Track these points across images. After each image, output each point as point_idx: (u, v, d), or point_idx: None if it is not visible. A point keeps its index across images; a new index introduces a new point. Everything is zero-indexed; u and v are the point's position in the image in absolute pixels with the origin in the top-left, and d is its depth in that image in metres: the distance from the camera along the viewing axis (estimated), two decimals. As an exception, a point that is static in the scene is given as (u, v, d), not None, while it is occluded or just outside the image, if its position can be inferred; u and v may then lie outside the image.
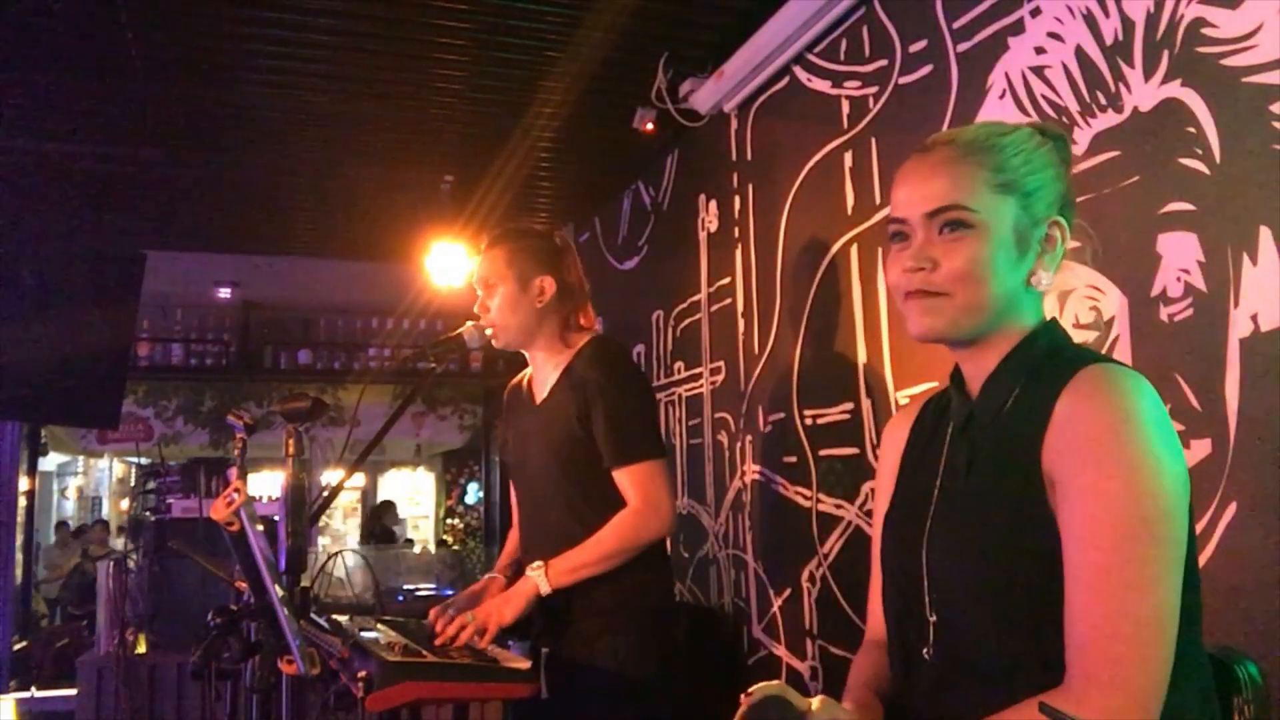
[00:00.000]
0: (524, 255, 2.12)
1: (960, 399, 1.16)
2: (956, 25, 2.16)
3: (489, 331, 2.11)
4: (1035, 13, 1.93)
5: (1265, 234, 1.46)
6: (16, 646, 5.80)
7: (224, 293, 6.00)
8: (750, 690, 0.89)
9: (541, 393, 2.15)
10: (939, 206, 1.08)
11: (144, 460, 4.39)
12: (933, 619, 1.08)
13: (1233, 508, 1.49)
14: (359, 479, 12.61)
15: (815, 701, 0.91)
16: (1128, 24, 1.71)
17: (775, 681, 0.91)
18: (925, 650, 1.08)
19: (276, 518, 1.66)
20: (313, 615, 1.79)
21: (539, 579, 1.95)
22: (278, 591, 1.41)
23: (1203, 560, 1.52)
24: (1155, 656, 0.93)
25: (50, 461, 10.84)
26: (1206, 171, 1.56)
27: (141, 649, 3.25)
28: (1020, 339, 1.10)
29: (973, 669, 1.04)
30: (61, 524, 9.78)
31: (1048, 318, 1.14)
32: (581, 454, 2.04)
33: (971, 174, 1.08)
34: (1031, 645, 0.99)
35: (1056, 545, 0.98)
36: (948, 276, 1.07)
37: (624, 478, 2.01)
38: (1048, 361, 1.08)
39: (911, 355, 2.29)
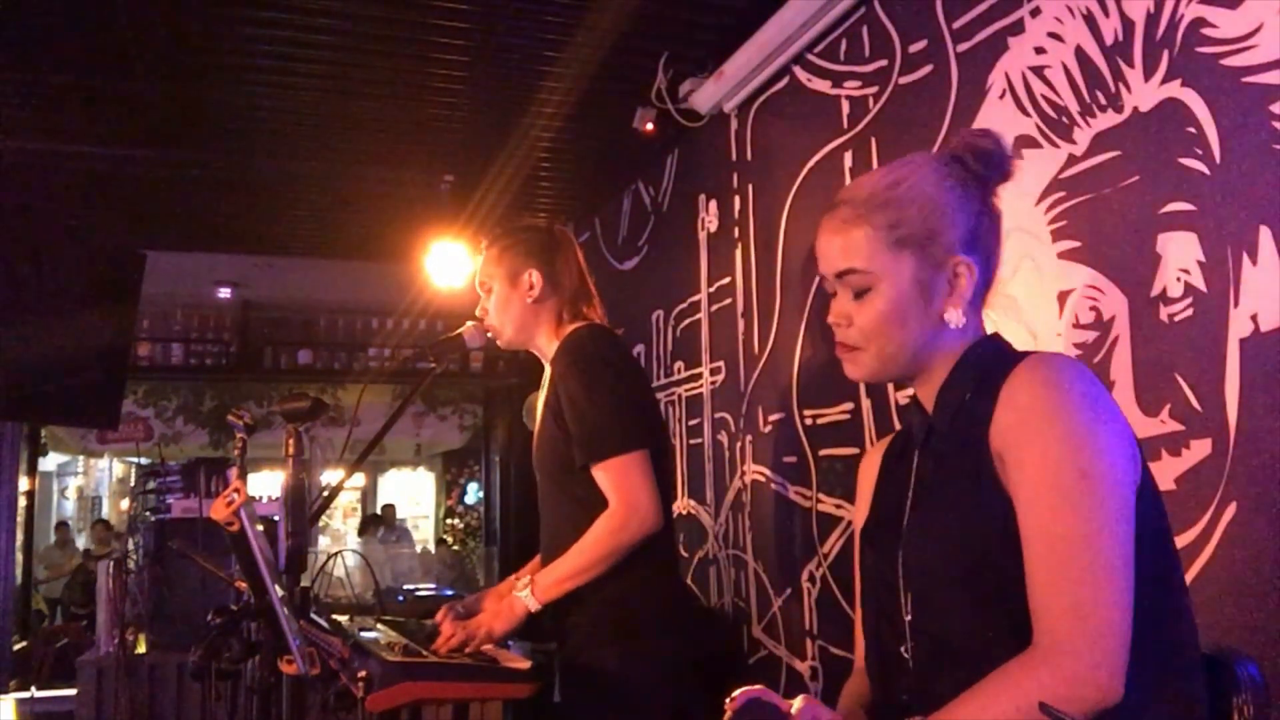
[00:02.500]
0: (512, 251, 2.10)
1: (920, 418, 1.21)
2: (956, 25, 2.16)
3: (490, 333, 2.11)
4: (1035, 13, 1.93)
5: (1265, 234, 1.46)
6: (16, 646, 5.80)
7: (224, 293, 6.00)
8: (733, 695, 0.91)
9: (544, 393, 2.15)
10: (838, 270, 1.16)
11: (144, 460, 4.39)
12: (909, 618, 1.11)
13: (1233, 508, 1.49)
14: (359, 479, 12.62)
15: (797, 702, 0.92)
16: (1128, 24, 1.71)
17: (757, 685, 0.92)
18: (903, 649, 1.11)
19: (276, 518, 1.66)
20: (313, 615, 1.79)
21: (526, 598, 1.90)
22: (278, 591, 1.41)
23: (1203, 560, 1.52)
24: (1109, 601, 0.95)
25: (50, 461, 10.86)
26: (1206, 171, 1.56)
27: (141, 649, 3.25)
28: (963, 352, 1.16)
29: (950, 654, 1.06)
30: (62, 524, 9.80)
31: (988, 332, 1.19)
32: (565, 456, 1.97)
33: (866, 235, 1.14)
34: (1004, 621, 1.01)
35: (1014, 520, 1.02)
36: (859, 333, 1.16)
37: (600, 476, 1.91)
38: (992, 366, 1.12)
39: (911, 355, 2.29)
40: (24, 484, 6.41)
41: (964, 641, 1.05)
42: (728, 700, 0.91)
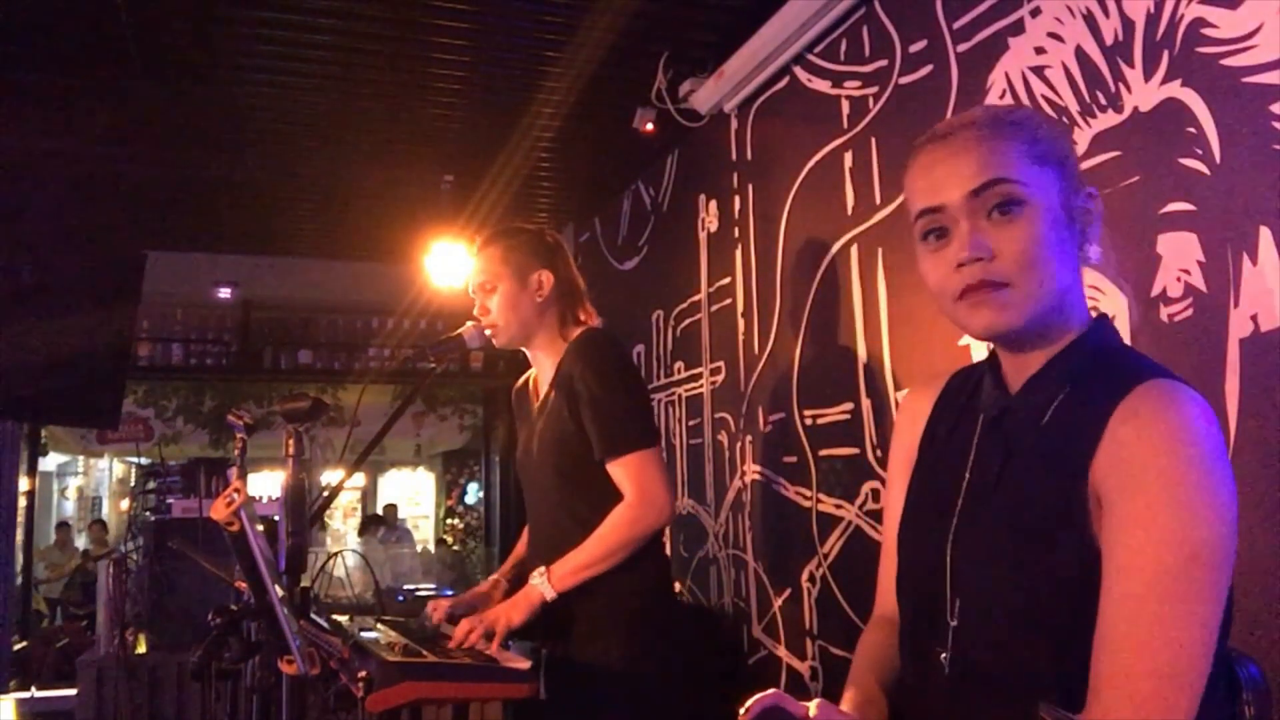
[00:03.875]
0: (519, 251, 2.12)
1: (996, 390, 1.08)
2: (956, 25, 2.16)
3: (489, 332, 2.11)
4: (1035, 13, 1.93)
5: (1265, 234, 1.46)
6: (16, 646, 5.79)
7: (224, 293, 5.99)
8: (748, 704, 0.87)
9: (542, 392, 2.15)
10: (984, 182, 0.98)
11: (144, 460, 4.39)
12: (953, 623, 1.02)
13: (1233, 508, 1.49)
14: (359, 479, 12.62)
15: (813, 706, 0.89)
16: (1128, 24, 1.71)
17: (771, 690, 0.89)
18: (943, 654, 1.03)
19: (276, 518, 1.65)
20: (313, 615, 1.79)
21: (543, 585, 1.94)
22: (278, 591, 1.41)
23: (1203, 560, 1.51)
24: (1179, 703, 0.87)
25: (50, 461, 10.86)
26: (1206, 171, 1.56)
27: (141, 649, 3.25)
28: (1070, 339, 1.03)
29: (991, 682, 1.00)
30: (63, 524, 9.80)
31: (1094, 314, 1.06)
32: (576, 452, 2.03)
33: (1007, 147, 0.99)
34: (1054, 666, 0.95)
35: (1094, 568, 0.93)
36: (1012, 263, 0.97)
37: (617, 470, 1.99)
38: (1098, 368, 1.00)
39: (911, 355, 2.29)
40: (24, 484, 6.40)
41: (1008, 677, 0.98)
42: (743, 709, 0.87)
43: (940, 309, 1.05)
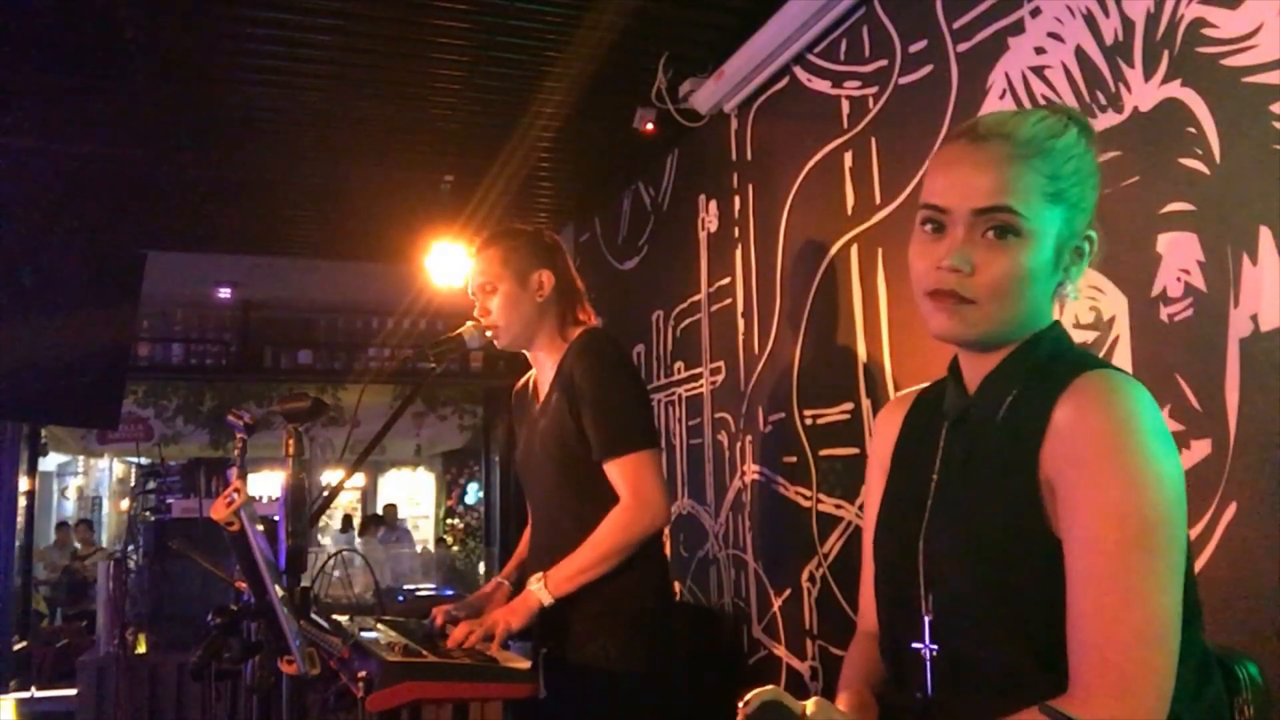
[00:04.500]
0: (519, 252, 2.12)
1: (957, 393, 1.14)
2: (956, 25, 2.16)
3: (489, 333, 2.11)
4: (1035, 13, 1.93)
5: (1265, 234, 1.46)
6: (16, 646, 5.79)
7: (224, 293, 5.99)
8: (746, 699, 0.88)
9: (543, 393, 2.16)
10: (992, 205, 1.02)
11: (144, 460, 4.39)
12: (928, 617, 1.06)
13: (1233, 508, 1.49)
14: (359, 479, 12.63)
15: (810, 704, 0.90)
16: (1128, 24, 1.71)
17: (769, 686, 0.90)
18: (921, 649, 1.07)
19: (276, 518, 1.66)
20: (313, 615, 1.79)
21: (540, 592, 1.94)
22: (278, 591, 1.41)
23: (1202, 560, 1.52)
24: (1158, 663, 0.92)
25: (50, 461, 10.86)
26: (1206, 171, 1.56)
27: (141, 649, 3.25)
28: (1024, 340, 1.07)
29: (972, 670, 1.03)
30: (62, 524, 9.79)
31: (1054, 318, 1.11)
32: (576, 452, 2.03)
33: (1028, 178, 1.02)
34: (1031, 649, 0.98)
35: (1055, 552, 0.97)
36: (985, 286, 1.02)
37: (613, 471, 1.99)
38: (1048, 365, 1.05)
39: (911, 355, 2.29)
40: (24, 484, 6.40)
41: (987, 664, 1.01)
42: (741, 704, 0.88)
43: (914, 293, 1.09)
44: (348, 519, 10.83)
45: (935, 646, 1.06)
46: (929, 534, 1.09)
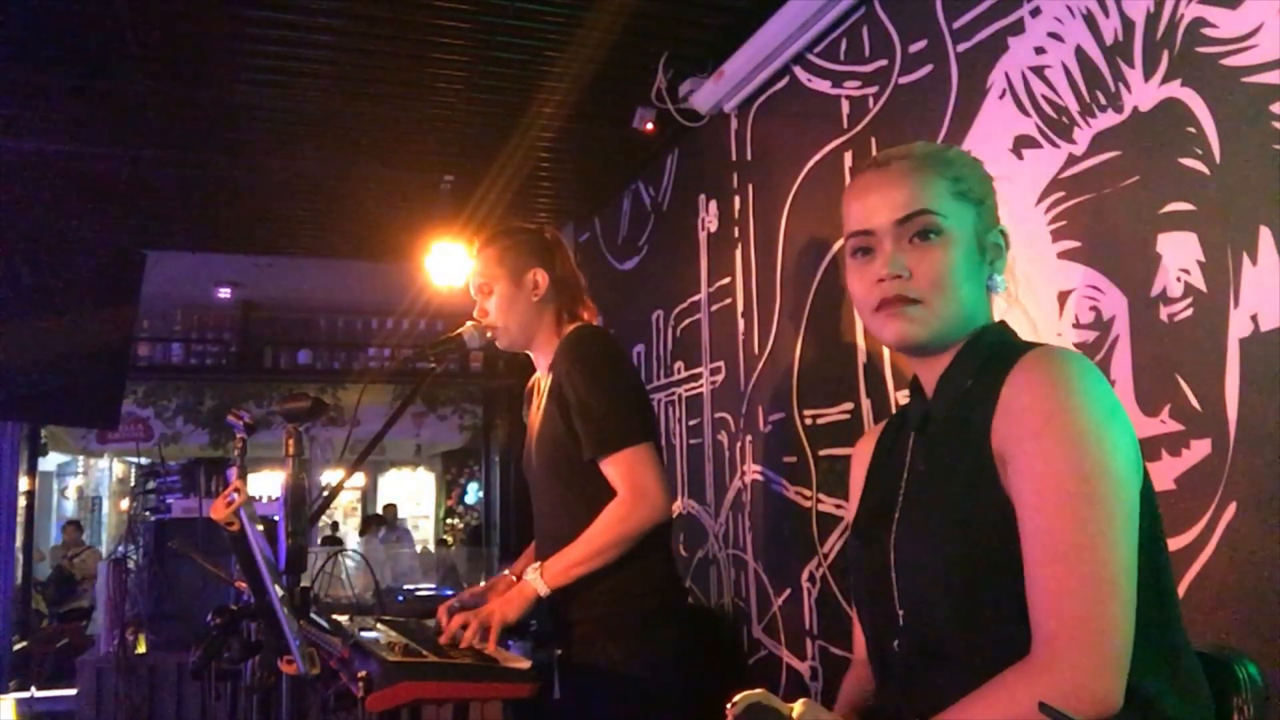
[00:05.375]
0: (514, 251, 2.12)
1: (918, 403, 1.19)
2: (956, 25, 2.16)
3: (491, 334, 2.11)
4: (1035, 13, 1.93)
5: (1265, 234, 1.46)
6: (16, 646, 5.80)
7: (224, 293, 6.00)
8: (734, 701, 0.90)
9: (541, 392, 2.16)
10: (909, 213, 1.11)
11: (144, 460, 4.39)
12: (901, 612, 1.09)
13: (1233, 508, 1.49)
14: (359, 479, 12.63)
15: (798, 706, 0.91)
16: (1128, 24, 1.71)
17: (758, 689, 0.91)
18: (896, 644, 1.09)
19: (276, 518, 1.66)
20: (313, 615, 1.79)
21: (535, 581, 1.93)
22: (278, 591, 1.41)
23: (1202, 560, 1.52)
24: (1112, 613, 0.94)
25: (50, 461, 10.85)
26: (1206, 171, 1.56)
27: (141, 649, 3.25)
28: (969, 336, 1.13)
29: (940, 654, 1.05)
30: (72, 522, 9.76)
31: (996, 320, 1.17)
32: (568, 452, 2.01)
33: (936, 183, 1.12)
34: (996, 626, 1.00)
35: (1013, 523, 1.00)
36: (927, 283, 1.10)
37: (609, 468, 1.96)
38: (996, 353, 1.10)
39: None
40: (24, 484, 6.41)
41: (955, 642, 1.03)
42: (729, 705, 0.89)
43: (860, 318, 1.18)
44: (335, 525, 10.82)
45: (907, 635, 1.08)
46: (898, 532, 1.13)
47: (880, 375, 2.40)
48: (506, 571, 2.24)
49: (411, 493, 13.07)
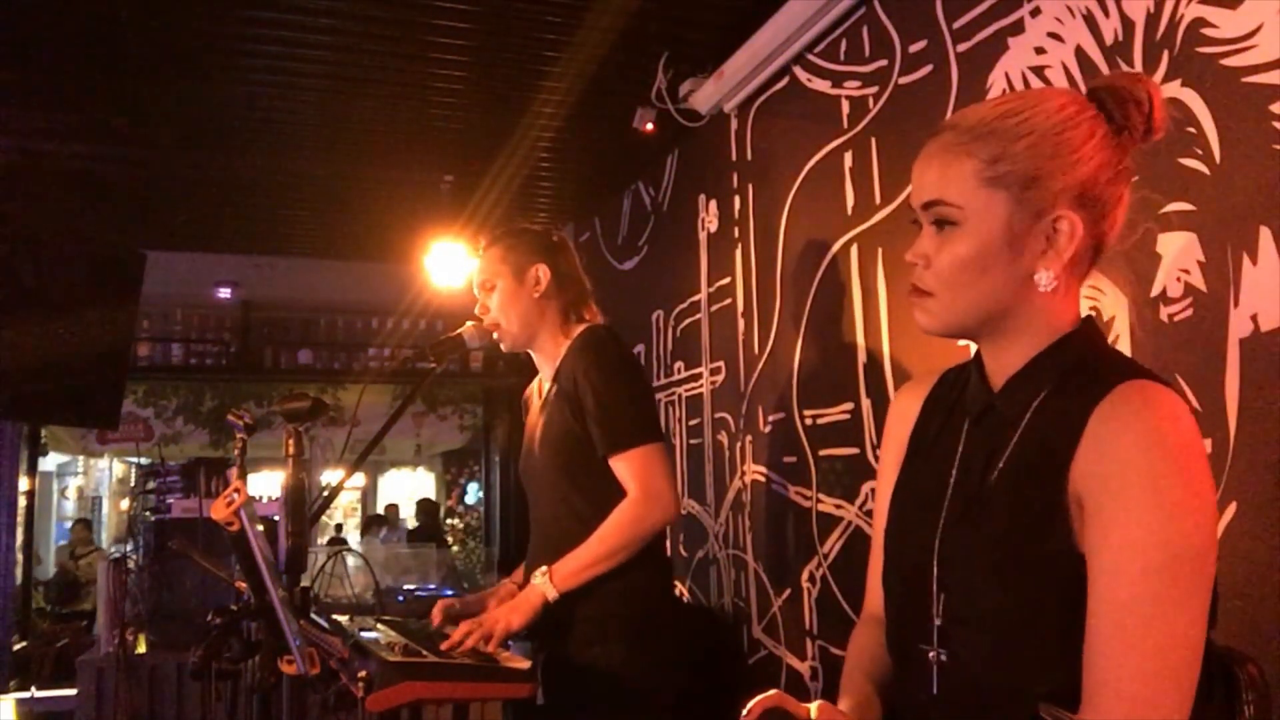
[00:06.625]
0: (517, 249, 2.12)
1: (980, 388, 1.09)
2: (956, 25, 2.16)
3: (495, 334, 2.11)
4: (1035, 13, 1.93)
5: (1265, 234, 1.46)
6: (16, 646, 5.80)
7: (224, 293, 6.00)
8: (749, 706, 0.87)
9: (545, 391, 2.15)
10: (928, 200, 1.04)
11: (144, 460, 4.39)
12: (938, 622, 1.03)
13: (1233, 508, 1.49)
14: (359, 479, 12.62)
15: (813, 708, 0.89)
16: (1128, 24, 1.71)
17: (773, 691, 0.88)
18: (930, 653, 1.04)
19: (276, 518, 1.65)
20: (313, 615, 1.79)
21: (545, 586, 1.92)
22: (278, 591, 1.41)
23: (1203, 560, 1.51)
24: (1172, 699, 0.89)
25: (50, 461, 10.85)
26: (1206, 171, 1.56)
27: (141, 649, 3.25)
28: (1052, 340, 1.04)
29: (979, 684, 1.00)
30: (82, 520, 9.74)
31: (1083, 312, 1.07)
32: (577, 450, 2.01)
33: (961, 166, 1.02)
34: (1043, 669, 0.96)
35: (1078, 570, 0.94)
36: (935, 277, 1.04)
37: (620, 466, 1.97)
38: (1081, 368, 1.01)
39: (911, 355, 2.29)
40: (24, 484, 6.40)
41: (996, 678, 0.99)
42: (745, 711, 0.86)
43: None
44: (339, 527, 10.82)
45: (943, 651, 1.03)
46: (944, 535, 1.05)
47: (880, 375, 2.40)
48: (507, 580, 2.23)
49: (411, 493, 13.06)
